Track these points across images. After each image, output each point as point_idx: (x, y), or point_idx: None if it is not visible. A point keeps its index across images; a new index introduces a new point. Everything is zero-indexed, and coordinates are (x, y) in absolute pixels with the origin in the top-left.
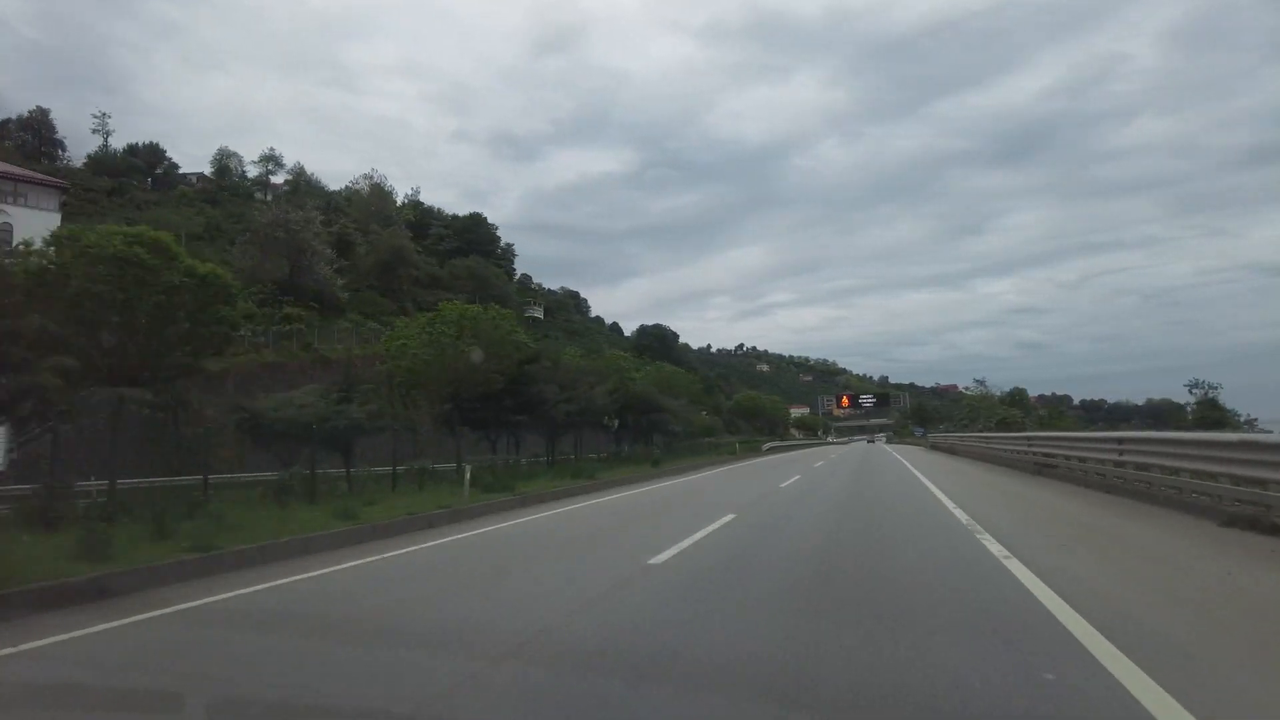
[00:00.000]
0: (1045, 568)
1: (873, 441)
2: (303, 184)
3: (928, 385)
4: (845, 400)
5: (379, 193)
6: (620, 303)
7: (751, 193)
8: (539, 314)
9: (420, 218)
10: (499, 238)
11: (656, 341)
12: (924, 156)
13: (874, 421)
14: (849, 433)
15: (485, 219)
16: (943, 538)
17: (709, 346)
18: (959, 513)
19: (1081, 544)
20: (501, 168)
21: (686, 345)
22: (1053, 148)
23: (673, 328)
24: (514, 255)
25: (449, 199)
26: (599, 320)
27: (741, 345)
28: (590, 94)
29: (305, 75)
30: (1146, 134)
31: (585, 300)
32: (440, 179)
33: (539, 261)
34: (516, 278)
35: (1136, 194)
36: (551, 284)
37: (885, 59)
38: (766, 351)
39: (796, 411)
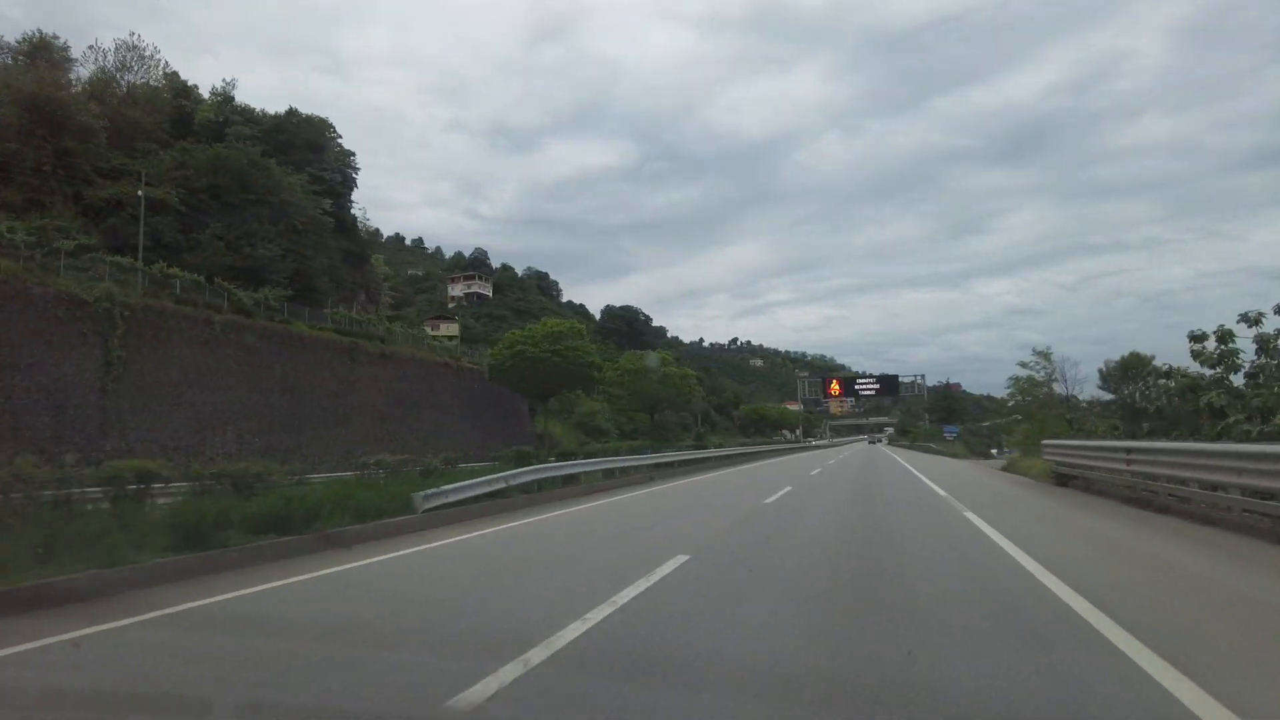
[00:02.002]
0: None
1: (874, 443)
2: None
3: (929, 385)
4: (836, 386)
5: (175, 84)
6: (618, 299)
7: (750, 188)
8: (487, 291)
9: (225, 117)
10: (336, 143)
11: (625, 326)
12: (924, 153)
13: (873, 420)
14: (847, 433)
15: (325, 124)
16: None
17: (701, 340)
18: None
19: None
20: (498, 160)
21: (677, 339)
22: (1054, 147)
23: (672, 325)
24: (354, 169)
25: (445, 191)
26: (569, 305)
27: (735, 339)
28: (587, 85)
29: (297, 61)
30: (1149, 134)
31: (556, 283)
32: (435, 170)
33: (537, 255)
34: (449, 255)
35: (1137, 195)
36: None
37: (887, 52)
38: (761, 346)
39: (792, 408)
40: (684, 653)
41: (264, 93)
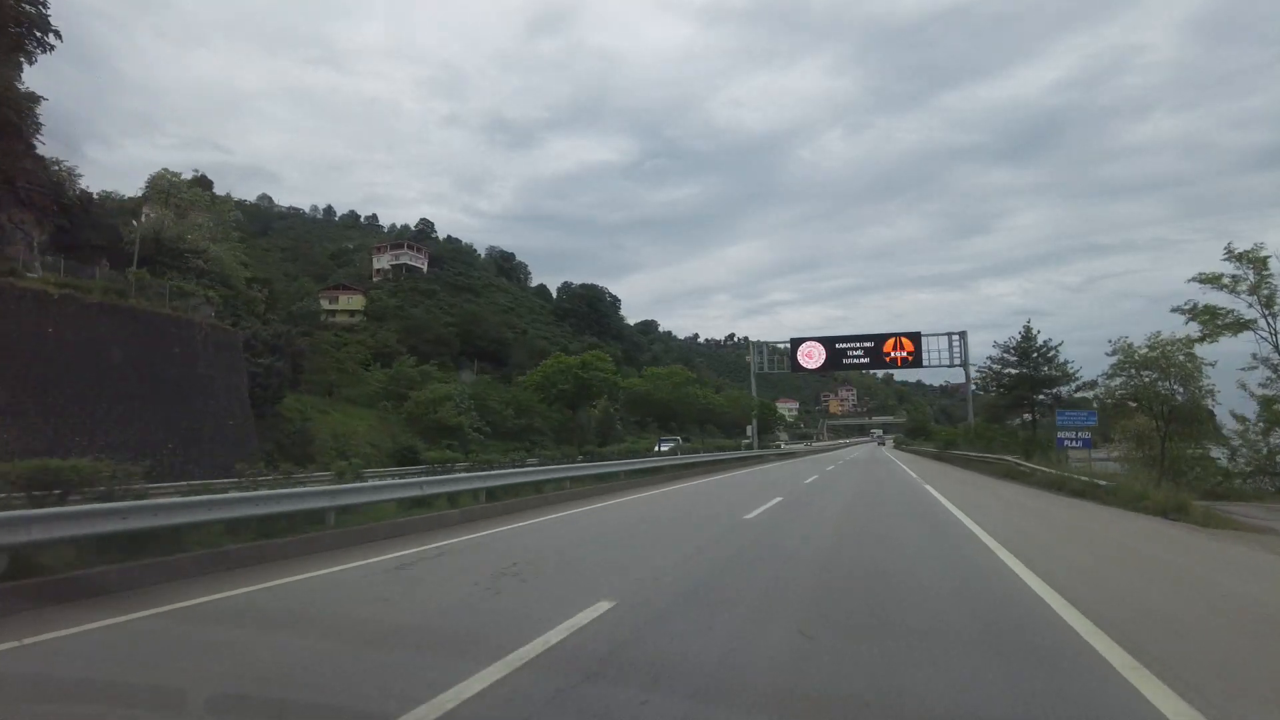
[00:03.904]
0: None
1: (882, 444)
2: None
3: (935, 385)
4: (813, 350)
5: None
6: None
7: (752, 185)
8: (420, 264)
9: None
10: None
11: (585, 307)
12: (929, 150)
13: (878, 420)
14: (848, 434)
15: None
16: None
17: (696, 336)
18: None
19: None
20: (496, 155)
21: (670, 333)
22: (1062, 144)
23: (674, 325)
24: (32, 25)
25: (444, 187)
26: (538, 287)
27: (732, 336)
28: (586, 78)
29: (291, 53)
30: (1159, 131)
31: (524, 264)
32: (433, 165)
33: (538, 253)
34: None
35: (1144, 194)
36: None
37: (891, 46)
38: (760, 343)
39: (785, 407)
40: None
41: (257, 85)
